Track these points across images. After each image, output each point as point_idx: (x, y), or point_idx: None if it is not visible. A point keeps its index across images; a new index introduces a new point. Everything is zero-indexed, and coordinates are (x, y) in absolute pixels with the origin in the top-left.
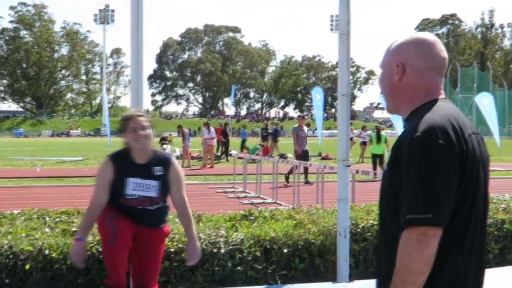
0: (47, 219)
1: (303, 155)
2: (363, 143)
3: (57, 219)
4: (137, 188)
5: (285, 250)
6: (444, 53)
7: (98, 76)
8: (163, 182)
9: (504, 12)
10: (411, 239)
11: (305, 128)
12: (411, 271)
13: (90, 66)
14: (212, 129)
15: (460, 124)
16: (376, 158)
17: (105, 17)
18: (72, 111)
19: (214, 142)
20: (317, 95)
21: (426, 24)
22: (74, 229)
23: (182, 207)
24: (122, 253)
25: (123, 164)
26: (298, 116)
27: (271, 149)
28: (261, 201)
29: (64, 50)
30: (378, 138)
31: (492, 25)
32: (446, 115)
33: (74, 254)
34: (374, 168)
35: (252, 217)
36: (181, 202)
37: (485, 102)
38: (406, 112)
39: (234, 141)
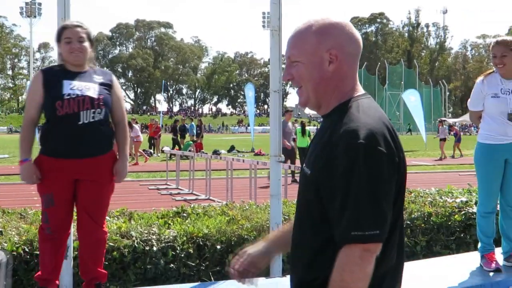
0: None
1: (292, 152)
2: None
3: None
4: (75, 88)
5: (219, 247)
6: None
7: (25, 71)
8: (104, 88)
9: (429, 12)
10: (354, 256)
11: (290, 124)
12: None
13: (16, 60)
14: (136, 127)
15: (391, 126)
16: (302, 151)
17: (31, 10)
18: None
19: (141, 138)
20: (249, 92)
21: (355, 22)
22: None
23: (122, 123)
24: (59, 237)
25: (57, 73)
26: (286, 111)
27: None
28: (194, 197)
29: None
30: (303, 131)
31: (418, 24)
32: (380, 118)
33: (25, 176)
34: (302, 160)
35: (185, 214)
36: (121, 117)
37: (412, 99)
38: (327, 107)
39: (168, 138)
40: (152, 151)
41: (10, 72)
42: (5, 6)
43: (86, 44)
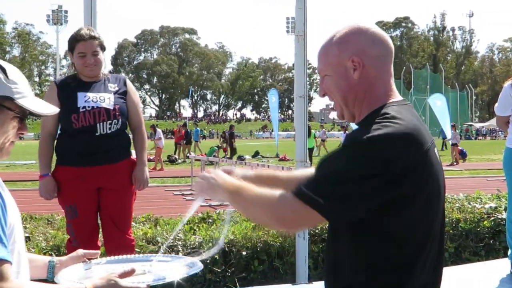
0: None
1: None
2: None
3: None
4: (90, 100)
5: (244, 253)
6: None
7: (51, 78)
8: (119, 97)
9: (455, 15)
10: (282, 199)
11: None
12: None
13: (43, 67)
14: (159, 131)
15: (423, 137)
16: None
17: (58, 18)
18: None
19: (161, 144)
20: (272, 98)
21: (380, 27)
22: (26, 235)
23: (139, 128)
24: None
25: (71, 85)
26: None
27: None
28: (219, 203)
29: (16, 52)
30: (309, 133)
31: (444, 28)
32: (406, 127)
33: (43, 191)
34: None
35: (210, 220)
36: (138, 123)
37: (438, 103)
38: (360, 116)
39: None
40: (177, 156)
41: (37, 79)
42: (32, 14)
43: (101, 55)
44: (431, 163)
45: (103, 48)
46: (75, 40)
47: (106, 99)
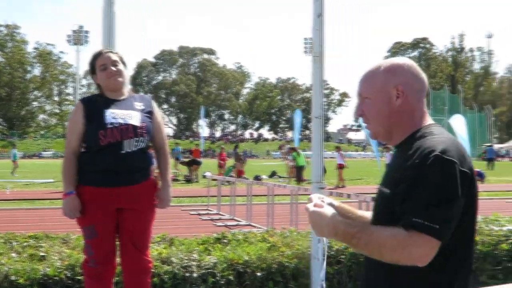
0: (14, 243)
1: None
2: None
3: (25, 244)
4: (117, 116)
5: (259, 274)
6: None
7: (71, 97)
8: (145, 116)
9: (473, 36)
10: (407, 239)
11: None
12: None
13: (63, 87)
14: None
15: (463, 149)
16: (301, 169)
17: (78, 38)
18: (42, 132)
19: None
20: (297, 118)
21: (398, 48)
22: (42, 254)
23: (163, 149)
24: (105, 272)
25: (97, 103)
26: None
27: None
28: (235, 223)
29: (37, 71)
30: (298, 154)
31: (462, 49)
32: (453, 139)
33: (68, 209)
34: (299, 179)
35: (225, 240)
36: (162, 143)
37: (458, 125)
38: (401, 137)
39: (208, 162)
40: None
41: (56, 98)
42: (53, 34)
43: (121, 67)
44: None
45: (123, 63)
46: (95, 57)
47: (133, 117)
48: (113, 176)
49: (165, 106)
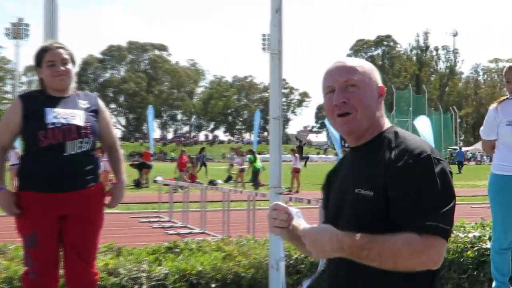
0: None
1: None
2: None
3: None
4: (59, 116)
5: (213, 285)
6: None
7: (9, 96)
8: (90, 115)
9: (438, 34)
10: (424, 242)
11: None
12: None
13: (1, 84)
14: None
15: None
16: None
17: (18, 31)
18: None
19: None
20: (256, 120)
21: (361, 45)
22: None
23: (114, 148)
24: (47, 284)
25: (38, 99)
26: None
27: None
28: (188, 231)
29: None
30: (255, 158)
31: (427, 47)
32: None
33: (3, 206)
34: (255, 182)
35: (177, 249)
36: (112, 142)
37: (422, 126)
38: (369, 137)
39: (159, 166)
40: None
41: None
42: None
43: (70, 66)
44: None
45: (73, 61)
46: (43, 51)
47: (77, 116)
48: (55, 180)
49: (113, 106)
